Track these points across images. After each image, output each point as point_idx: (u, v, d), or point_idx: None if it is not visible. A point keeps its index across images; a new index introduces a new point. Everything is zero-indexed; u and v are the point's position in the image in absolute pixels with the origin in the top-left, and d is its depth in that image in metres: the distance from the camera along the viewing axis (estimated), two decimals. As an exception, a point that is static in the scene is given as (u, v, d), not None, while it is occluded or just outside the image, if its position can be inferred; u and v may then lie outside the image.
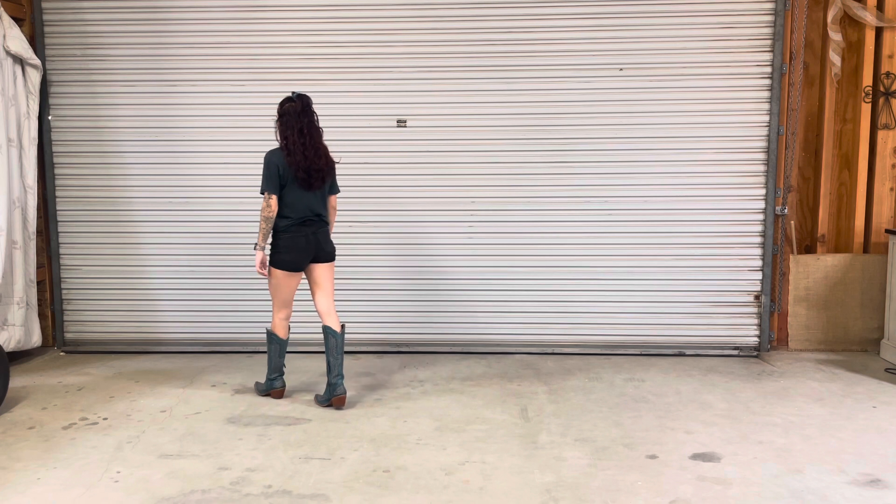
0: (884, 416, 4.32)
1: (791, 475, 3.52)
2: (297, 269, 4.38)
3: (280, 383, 4.60)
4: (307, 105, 4.29)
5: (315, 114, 4.34)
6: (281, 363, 4.59)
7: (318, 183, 4.30)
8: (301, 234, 4.31)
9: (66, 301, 5.84)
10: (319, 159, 4.27)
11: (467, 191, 5.63)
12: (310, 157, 4.24)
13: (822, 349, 5.70)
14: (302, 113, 4.26)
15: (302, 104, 4.28)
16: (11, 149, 5.22)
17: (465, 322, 5.72)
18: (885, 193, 5.58)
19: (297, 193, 4.28)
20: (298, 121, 4.25)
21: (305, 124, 4.25)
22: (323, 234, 4.41)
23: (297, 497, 3.31)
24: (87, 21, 5.60)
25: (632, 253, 5.62)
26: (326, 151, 4.35)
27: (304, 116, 4.26)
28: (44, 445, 3.90)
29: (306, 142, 4.23)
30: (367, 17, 5.51)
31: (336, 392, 4.38)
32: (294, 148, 4.23)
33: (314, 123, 4.31)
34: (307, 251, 4.35)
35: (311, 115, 4.30)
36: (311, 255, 4.38)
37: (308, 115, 4.28)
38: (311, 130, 4.27)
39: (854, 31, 5.51)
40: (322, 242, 4.40)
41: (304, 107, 4.27)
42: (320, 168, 4.28)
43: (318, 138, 4.31)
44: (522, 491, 3.36)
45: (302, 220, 4.32)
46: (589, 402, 4.57)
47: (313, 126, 4.30)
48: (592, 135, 5.54)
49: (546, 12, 5.46)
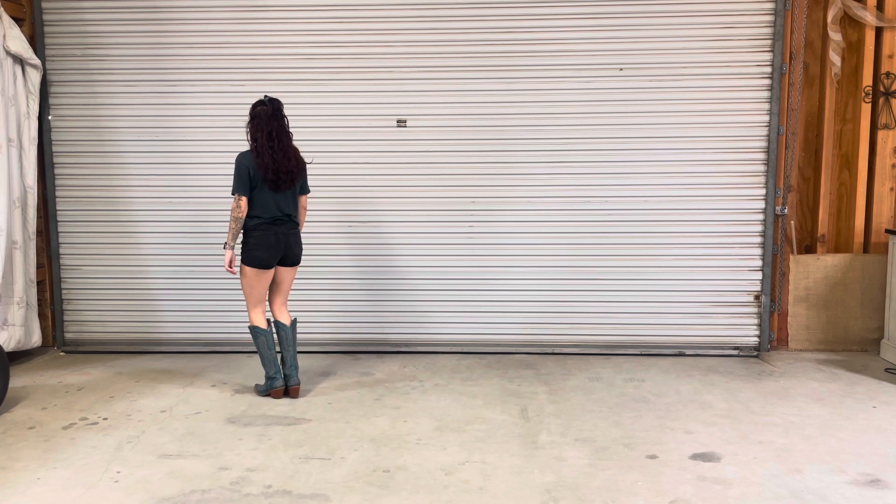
0: (884, 416, 4.32)
1: (791, 475, 3.52)
2: (268, 267, 4.48)
3: (280, 382, 4.59)
4: (277, 109, 4.40)
5: (285, 117, 4.44)
6: (273, 356, 4.58)
7: (288, 184, 4.42)
8: (271, 233, 4.44)
9: (66, 301, 5.84)
10: (289, 161, 4.39)
11: (467, 191, 5.63)
12: (279, 160, 4.35)
13: (822, 349, 5.70)
14: (272, 116, 4.38)
15: (272, 108, 4.38)
16: (11, 149, 5.22)
17: (465, 322, 5.72)
18: (885, 193, 5.58)
19: (266, 194, 4.41)
20: (268, 124, 4.37)
21: (275, 128, 4.37)
22: (294, 236, 4.55)
23: (297, 497, 3.31)
24: (87, 21, 5.60)
25: (632, 253, 5.62)
26: (297, 153, 4.48)
27: (274, 120, 4.39)
28: (44, 445, 3.90)
29: (275, 144, 4.35)
30: (367, 17, 5.51)
31: (290, 382, 4.58)
32: (263, 150, 4.35)
33: (284, 127, 4.42)
34: (277, 249, 4.47)
35: (281, 119, 4.41)
36: (280, 254, 4.50)
37: (278, 118, 4.39)
38: (281, 134, 4.38)
39: (854, 31, 5.51)
40: (292, 244, 4.54)
41: (275, 110, 4.38)
42: (289, 170, 4.40)
43: (288, 141, 4.43)
44: (522, 491, 3.36)
45: (272, 219, 4.44)
46: (589, 402, 4.57)
47: (283, 129, 4.40)
48: (592, 135, 5.54)
49: (546, 12, 5.46)
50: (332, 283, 5.72)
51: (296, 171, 4.44)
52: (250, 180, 4.37)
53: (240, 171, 4.37)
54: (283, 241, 4.48)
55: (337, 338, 5.76)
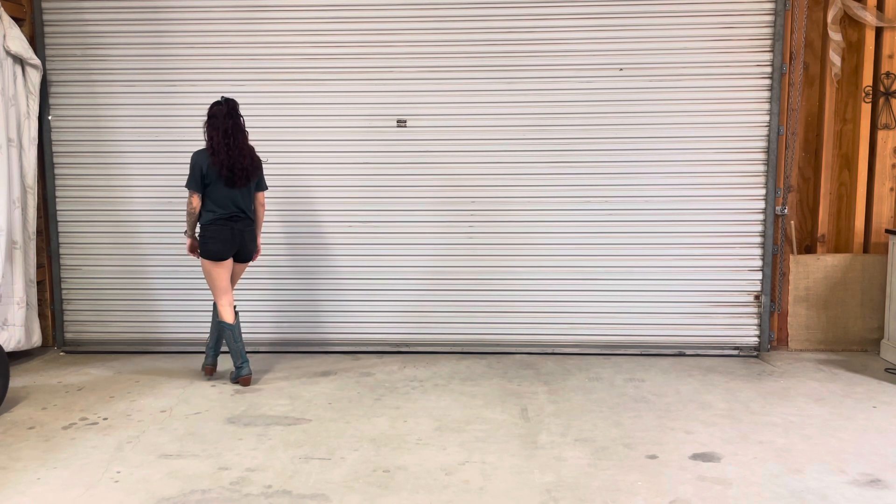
0: (884, 416, 4.32)
1: (791, 475, 3.52)
2: (223, 259, 4.69)
3: (247, 370, 4.83)
4: (233, 108, 4.61)
5: (241, 116, 4.65)
6: (240, 348, 4.80)
7: (242, 181, 4.62)
8: (227, 227, 4.66)
9: (66, 301, 5.84)
10: (244, 158, 4.59)
11: (467, 191, 5.63)
12: (234, 157, 4.57)
13: (822, 349, 5.70)
14: (227, 115, 4.59)
15: (228, 107, 4.60)
16: (11, 149, 5.22)
17: (465, 322, 5.72)
18: (885, 193, 5.58)
19: (222, 191, 4.63)
20: (224, 123, 4.57)
21: (230, 126, 4.58)
22: (249, 233, 4.78)
23: (297, 497, 3.31)
24: (87, 21, 5.60)
25: (632, 253, 5.62)
26: (251, 151, 4.68)
27: (229, 119, 4.59)
28: (44, 445, 3.90)
29: (230, 142, 4.56)
30: (367, 17, 5.51)
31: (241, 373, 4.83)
32: (219, 148, 4.56)
33: (239, 125, 4.61)
34: (232, 243, 4.69)
35: (237, 118, 4.63)
36: (235, 248, 4.73)
37: (233, 117, 4.60)
38: (236, 131, 4.58)
39: (854, 31, 5.51)
40: (247, 240, 4.77)
41: (230, 110, 4.61)
42: (244, 167, 4.60)
43: (243, 139, 4.63)
44: (522, 491, 3.36)
45: (228, 215, 4.67)
46: (589, 402, 4.57)
47: (238, 127, 4.60)
48: (593, 135, 5.54)
49: (546, 12, 5.46)
50: (332, 282, 5.72)
51: (251, 169, 4.64)
52: (203, 177, 4.60)
53: (192, 169, 4.62)
54: (239, 236, 4.70)
55: (337, 338, 5.76)
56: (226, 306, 4.79)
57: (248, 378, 4.83)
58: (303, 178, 5.64)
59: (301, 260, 5.69)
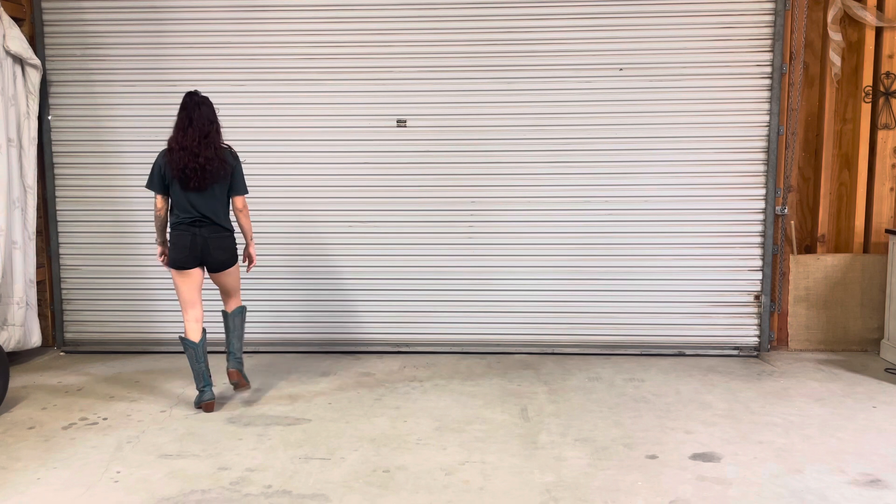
0: (884, 416, 4.32)
1: (791, 475, 3.52)
2: (184, 268, 4.28)
3: (209, 395, 4.32)
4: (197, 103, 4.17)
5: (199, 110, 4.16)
6: (202, 369, 4.32)
7: (198, 183, 4.15)
8: (188, 233, 4.23)
9: (66, 301, 5.83)
10: (196, 158, 4.11)
11: (467, 191, 5.63)
12: (185, 157, 4.12)
13: (822, 349, 5.70)
14: (186, 109, 4.17)
15: (191, 101, 4.17)
16: (11, 149, 5.22)
17: (465, 322, 5.72)
18: (885, 193, 5.58)
19: (179, 193, 4.21)
20: (182, 119, 4.18)
21: (188, 123, 4.14)
22: (217, 240, 4.27)
23: (297, 497, 3.31)
24: (87, 21, 5.60)
25: (632, 253, 5.62)
26: (215, 152, 4.17)
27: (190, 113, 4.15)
28: (44, 445, 3.90)
29: (185, 141, 4.12)
30: (367, 17, 5.51)
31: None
32: (173, 146, 4.17)
33: (199, 122, 4.15)
34: (192, 251, 4.24)
35: (194, 112, 4.14)
36: (196, 257, 4.26)
37: (190, 111, 4.15)
38: (194, 129, 4.14)
39: (854, 31, 5.51)
40: (212, 248, 4.26)
41: (193, 104, 4.16)
42: (197, 167, 4.12)
43: (201, 137, 4.14)
44: (522, 491, 3.35)
45: (190, 220, 4.23)
46: (589, 402, 4.57)
47: (197, 124, 4.14)
48: (592, 135, 5.54)
49: (546, 12, 5.45)
50: (333, 283, 5.72)
51: (208, 170, 4.13)
52: (162, 178, 4.24)
53: (152, 167, 4.28)
54: (201, 243, 4.23)
55: (337, 338, 5.76)
56: (190, 322, 4.33)
57: (212, 404, 4.33)
58: (302, 178, 5.64)
59: (301, 260, 5.69)
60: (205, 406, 4.38)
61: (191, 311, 4.37)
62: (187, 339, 4.35)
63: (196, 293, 4.37)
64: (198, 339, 4.35)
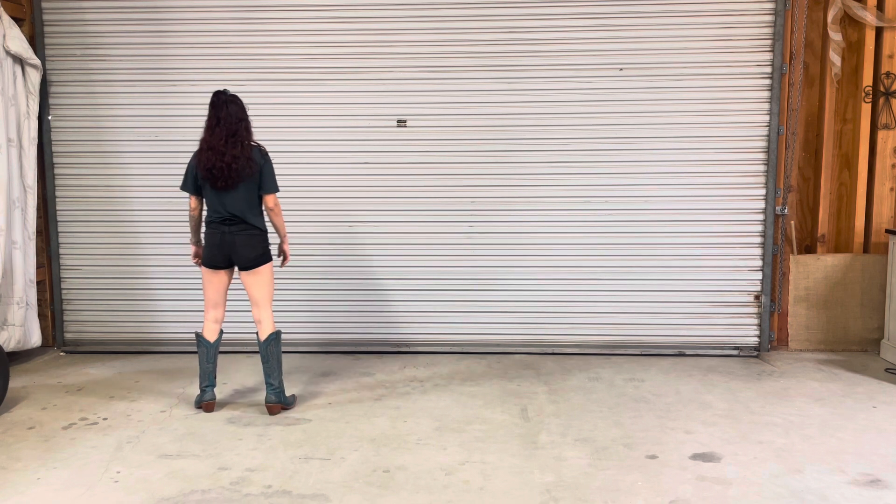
0: (884, 416, 4.32)
1: (791, 475, 3.52)
2: (213, 267, 4.31)
3: (210, 395, 4.36)
4: (225, 101, 4.16)
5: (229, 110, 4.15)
6: (209, 369, 4.36)
7: (224, 182, 4.14)
8: (217, 232, 4.25)
9: (66, 301, 5.84)
10: (222, 157, 4.11)
11: (467, 191, 5.63)
12: (213, 157, 4.12)
13: (822, 349, 5.70)
14: (214, 107, 4.16)
15: (218, 100, 4.17)
16: (11, 149, 5.22)
17: (465, 322, 5.72)
18: (885, 193, 5.58)
19: (211, 192, 4.23)
20: (210, 118, 4.18)
21: (216, 122, 4.15)
22: (243, 237, 4.24)
23: (297, 497, 3.31)
24: (87, 21, 5.60)
25: (632, 253, 5.62)
26: (241, 151, 4.14)
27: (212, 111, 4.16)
28: (44, 445, 3.90)
29: (214, 141, 4.13)
30: (367, 17, 5.51)
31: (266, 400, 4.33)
32: (202, 146, 4.18)
33: (227, 121, 4.14)
34: (220, 249, 4.25)
35: (222, 111, 4.14)
36: (224, 256, 4.27)
37: (217, 110, 4.15)
38: (221, 128, 4.13)
39: (854, 31, 5.51)
40: (238, 245, 4.23)
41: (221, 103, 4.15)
42: (224, 166, 4.11)
43: (228, 136, 4.13)
44: (522, 491, 3.35)
45: (220, 219, 4.24)
46: (589, 402, 4.57)
47: (224, 123, 4.14)
48: (593, 135, 5.54)
49: (546, 12, 5.46)
50: (332, 283, 5.72)
51: (233, 169, 4.11)
52: (194, 178, 4.26)
53: (186, 168, 4.31)
54: (229, 241, 4.22)
55: (337, 338, 5.76)
56: (209, 321, 4.37)
57: (212, 404, 4.36)
58: (302, 178, 5.64)
59: (300, 260, 5.68)
60: (205, 406, 4.38)
61: (212, 311, 4.39)
62: (202, 337, 4.37)
63: (221, 295, 4.39)
64: (213, 340, 4.38)
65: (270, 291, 4.37)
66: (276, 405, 4.32)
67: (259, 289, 4.32)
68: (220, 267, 4.32)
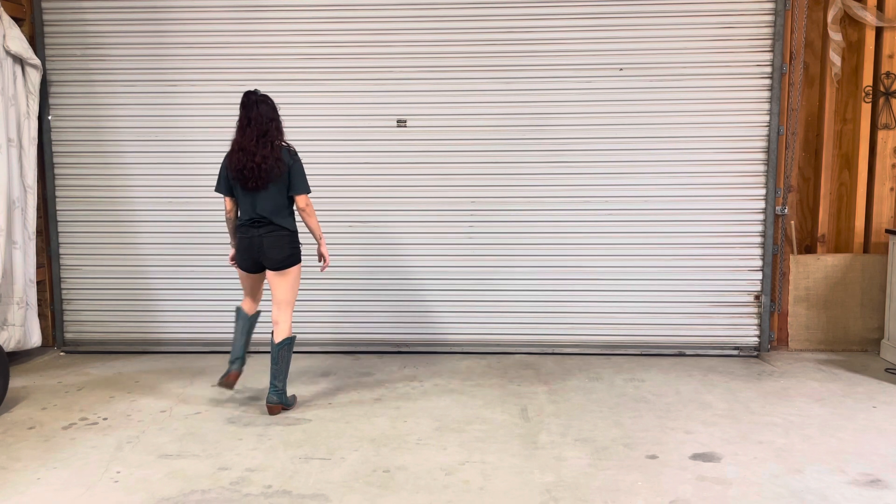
0: (884, 416, 4.32)
1: (791, 475, 3.52)
2: (245, 269, 4.36)
3: (235, 367, 4.38)
4: (255, 101, 4.16)
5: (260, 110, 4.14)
6: (241, 342, 4.42)
7: (254, 183, 4.13)
8: (247, 235, 4.26)
9: (66, 301, 5.83)
10: (252, 157, 4.10)
11: (467, 191, 5.63)
12: (244, 158, 4.12)
13: (823, 349, 5.70)
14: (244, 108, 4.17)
15: (248, 100, 4.16)
16: (11, 149, 5.22)
17: (465, 322, 5.72)
18: (885, 193, 5.58)
19: (241, 194, 4.23)
20: (240, 119, 4.18)
21: (246, 122, 4.15)
22: (271, 238, 4.23)
23: (297, 497, 3.31)
24: (87, 21, 5.60)
25: (632, 253, 5.62)
26: (271, 151, 4.13)
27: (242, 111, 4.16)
28: (44, 445, 3.90)
29: (245, 142, 4.13)
30: (367, 17, 5.51)
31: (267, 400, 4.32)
32: (234, 147, 4.18)
33: (257, 121, 4.13)
34: (249, 251, 4.27)
35: (252, 111, 4.14)
36: (255, 260, 4.29)
37: (248, 110, 4.14)
38: (250, 128, 4.13)
39: (854, 31, 5.51)
40: (266, 247, 4.22)
41: (251, 103, 4.15)
42: (253, 167, 4.10)
43: (258, 136, 4.13)
44: (522, 491, 3.35)
45: (250, 220, 4.24)
46: (589, 402, 4.57)
47: (254, 123, 4.13)
48: (592, 135, 5.54)
49: (546, 12, 5.46)
50: (332, 283, 5.72)
51: (262, 169, 4.10)
52: (227, 180, 4.26)
53: (219, 170, 4.33)
54: (257, 243, 4.22)
55: (337, 338, 5.76)
56: (250, 302, 4.50)
57: (235, 375, 4.38)
58: (303, 178, 5.64)
59: (301, 260, 5.68)
60: (227, 379, 4.38)
61: (248, 298, 4.53)
62: (240, 309, 4.49)
63: (256, 291, 4.52)
64: (250, 313, 4.49)
65: (294, 294, 4.37)
66: (276, 405, 4.32)
67: (283, 290, 4.30)
68: (252, 270, 4.37)
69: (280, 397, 4.32)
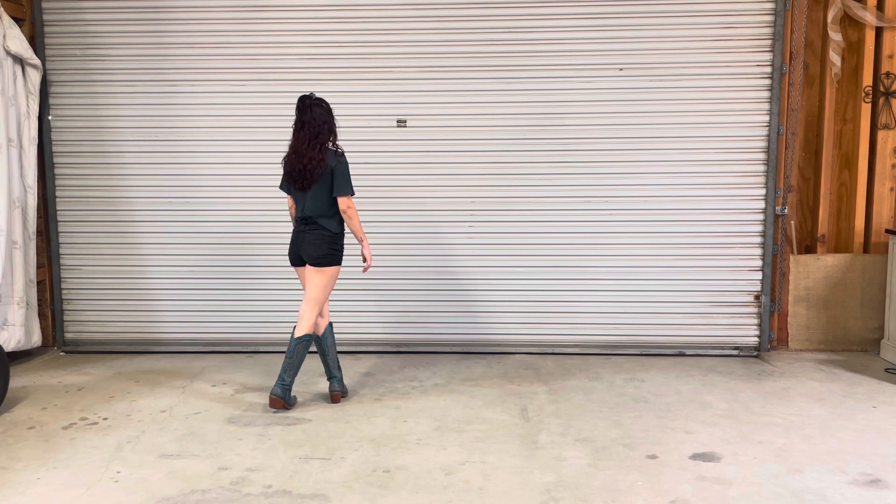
0: (884, 416, 4.32)
1: (791, 475, 3.52)
2: (291, 262, 4.50)
3: (333, 387, 4.55)
4: (308, 105, 4.30)
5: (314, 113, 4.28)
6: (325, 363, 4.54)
7: (302, 184, 4.31)
8: (294, 232, 4.47)
9: (66, 301, 5.83)
10: (301, 159, 4.28)
11: (467, 191, 5.63)
12: (295, 160, 4.31)
13: (823, 349, 5.70)
14: (296, 112, 4.34)
15: (301, 104, 4.33)
16: (11, 149, 5.22)
17: (465, 322, 5.72)
18: (885, 193, 5.58)
19: (295, 193, 4.43)
20: (295, 123, 4.36)
21: (300, 126, 4.32)
22: (311, 236, 4.36)
23: (297, 497, 3.31)
24: (87, 21, 5.60)
25: (632, 253, 5.62)
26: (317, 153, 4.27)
27: (297, 115, 4.32)
28: (44, 445, 3.90)
29: (298, 144, 4.30)
30: (367, 17, 5.51)
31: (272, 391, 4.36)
32: (289, 149, 4.38)
33: (309, 124, 4.28)
34: (294, 245, 4.46)
35: (306, 114, 4.29)
36: (296, 255, 4.46)
37: (302, 114, 4.30)
38: (307, 131, 4.28)
39: (854, 31, 5.51)
40: (306, 243, 4.37)
41: (304, 107, 4.30)
42: (301, 168, 4.27)
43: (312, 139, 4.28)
44: (522, 491, 3.35)
45: (301, 218, 4.42)
46: (589, 402, 4.57)
47: (309, 126, 4.28)
48: (593, 135, 5.54)
49: (546, 12, 5.46)
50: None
51: (308, 170, 4.26)
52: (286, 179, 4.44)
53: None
54: (300, 240, 4.40)
55: (337, 338, 5.74)
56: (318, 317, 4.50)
57: (337, 395, 4.55)
58: (303, 178, 5.64)
59: (301, 260, 5.69)
60: (331, 397, 4.57)
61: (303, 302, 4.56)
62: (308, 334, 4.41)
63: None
64: (315, 333, 4.51)
65: (325, 294, 4.42)
66: (279, 399, 4.35)
67: (315, 287, 4.38)
68: (296, 264, 4.49)
69: (284, 392, 4.35)
